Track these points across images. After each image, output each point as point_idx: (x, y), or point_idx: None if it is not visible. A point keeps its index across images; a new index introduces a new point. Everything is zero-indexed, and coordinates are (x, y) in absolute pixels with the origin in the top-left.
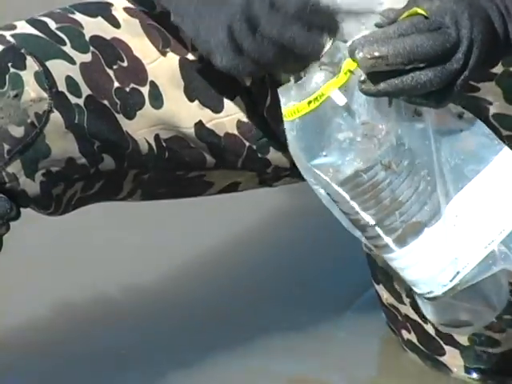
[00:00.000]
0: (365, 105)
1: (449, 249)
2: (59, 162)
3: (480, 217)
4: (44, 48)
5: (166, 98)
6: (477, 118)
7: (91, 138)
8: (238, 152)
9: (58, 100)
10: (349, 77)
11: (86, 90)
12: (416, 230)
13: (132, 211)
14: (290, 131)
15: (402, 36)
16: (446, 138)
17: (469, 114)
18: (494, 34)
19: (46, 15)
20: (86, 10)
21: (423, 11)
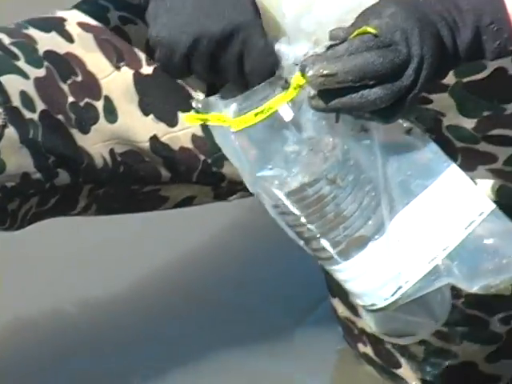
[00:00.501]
0: (312, 119)
1: (392, 263)
2: (14, 177)
3: (424, 232)
4: None
5: (120, 113)
6: (425, 134)
7: (46, 152)
8: (193, 166)
9: (13, 115)
10: (297, 92)
11: (40, 105)
12: (360, 244)
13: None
14: (236, 142)
15: (353, 54)
16: (394, 153)
17: (417, 130)
18: (443, 49)
19: (0, 30)
20: (39, 25)
21: (372, 29)
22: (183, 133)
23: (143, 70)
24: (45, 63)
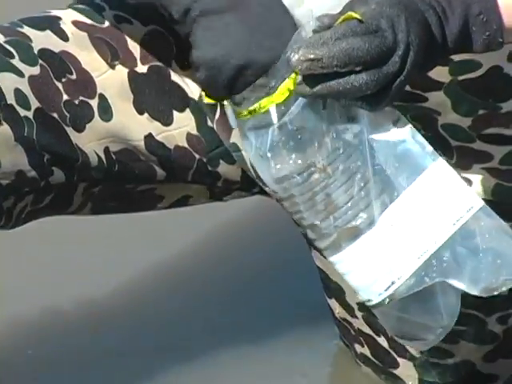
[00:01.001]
0: (300, 110)
1: (383, 258)
2: (9, 174)
3: (413, 228)
4: None
5: (115, 111)
6: (411, 126)
7: (41, 150)
8: (188, 165)
9: (7, 113)
10: (287, 95)
11: (34, 103)
12: (351, 236)
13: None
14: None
15: (338, 39)
16: (381, 144)
17: (404, 121)
18: (431, 37)
19: None
20: (34, 23)
21: (358, 15)
22: (178, 132)
23: (138, 69)
24: (39, 61)
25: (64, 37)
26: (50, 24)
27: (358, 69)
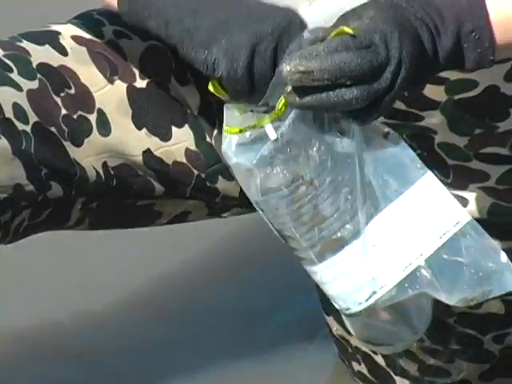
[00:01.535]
0: (290, 123)
1: (367, 268)
2: (6, 188)
3: (399, 239)
4: None
5: (113, 126)
6: (402, 140)
7: (39, 164)
8: (187, 180)
9: (5, 126)
10: (283, 112)
11: (33, 117)
12: (335, 247)
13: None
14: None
15: (331, 53)
16: (370, 157)
17: (394, 135)
18: (423, 54)
19: None
20: (33, 38)
21: (350, 30)
22: (176, 147)
23: (137, 84)
24: (38, 75)
25: (63, 51)
26: (50, 39)
27: (349, 83)
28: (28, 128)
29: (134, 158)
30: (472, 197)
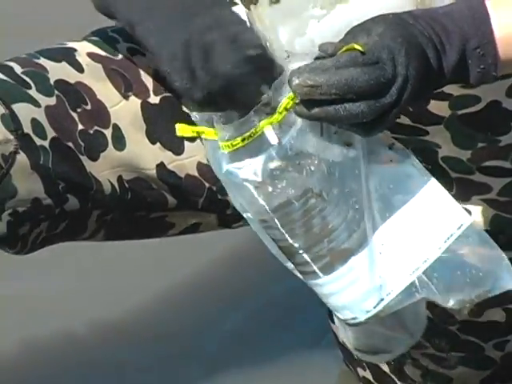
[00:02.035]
0: (297, 135)
1: (374, 276)
2: (25, 202)
3: (405, 245)
4: (10, 91)
5: (128, 141)
6: (406, 150)
7: (56, 178)
8: (199, 193)
9: (24, 142)
10: (284, 115)
11: (50, 132)
12: (343, 258)
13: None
14: (223, 162)
15: (339, 68)
16: (376, 167)
17: (399, 145)
18: (428, 70)
19: (12, 60)
20: (50, 55)
21: (360, 46)
22: (189, 161)
23: (151, 100)
24: (55, 92)
25: (79, 68)
26: (66, 56)
27: (355, 98)
28: (46, 143)
29: (147, 171)
30: (475, 209)
